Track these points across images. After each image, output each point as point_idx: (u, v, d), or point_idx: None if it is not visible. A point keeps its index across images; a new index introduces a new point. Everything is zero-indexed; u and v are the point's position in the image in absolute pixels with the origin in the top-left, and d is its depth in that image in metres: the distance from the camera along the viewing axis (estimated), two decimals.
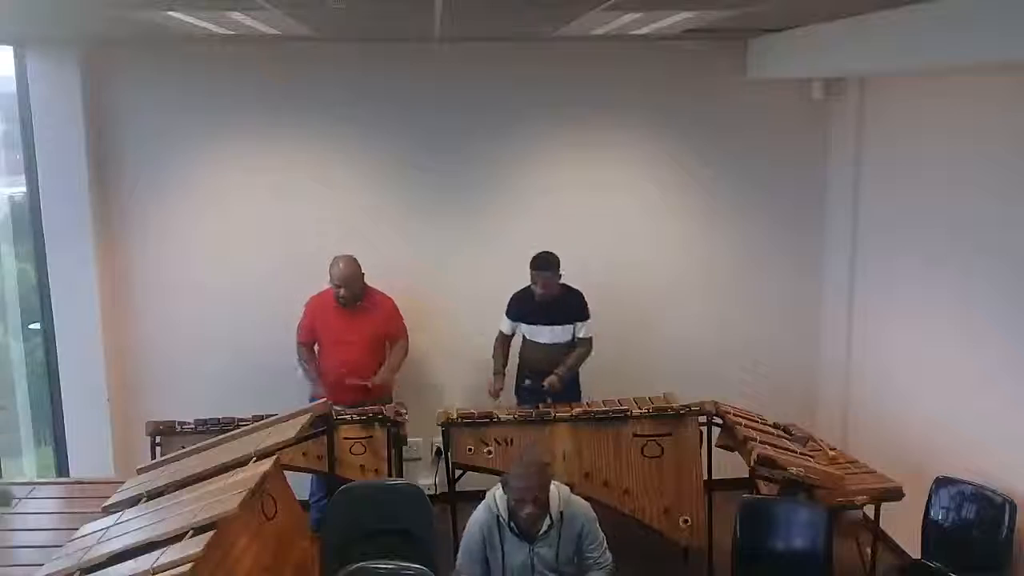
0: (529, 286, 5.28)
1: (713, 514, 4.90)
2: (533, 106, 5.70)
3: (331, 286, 5.24)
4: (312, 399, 5.19)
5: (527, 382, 5.34)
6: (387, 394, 5.36)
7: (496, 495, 3.79)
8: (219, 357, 5.65)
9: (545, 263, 5.17)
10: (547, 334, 5.30)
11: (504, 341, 5.39)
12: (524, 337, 5.39)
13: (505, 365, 5.38)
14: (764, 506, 4.35)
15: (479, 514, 3.80)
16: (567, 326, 5.29)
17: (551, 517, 3.74)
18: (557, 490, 3.80)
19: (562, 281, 5.24)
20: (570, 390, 5.36)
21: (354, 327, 5.25)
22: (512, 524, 3.73)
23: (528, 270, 5.24)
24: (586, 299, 5.31)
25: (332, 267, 5.21)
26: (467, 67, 5.59)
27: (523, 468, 3.73)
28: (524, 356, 5.42)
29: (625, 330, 5.53)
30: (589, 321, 5.30)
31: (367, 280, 5.35)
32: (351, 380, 5.13)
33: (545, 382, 5.15)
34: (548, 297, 5.20)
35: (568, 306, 5.28)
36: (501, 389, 5.31)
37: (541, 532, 3.74)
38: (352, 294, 5.22)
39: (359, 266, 5.24)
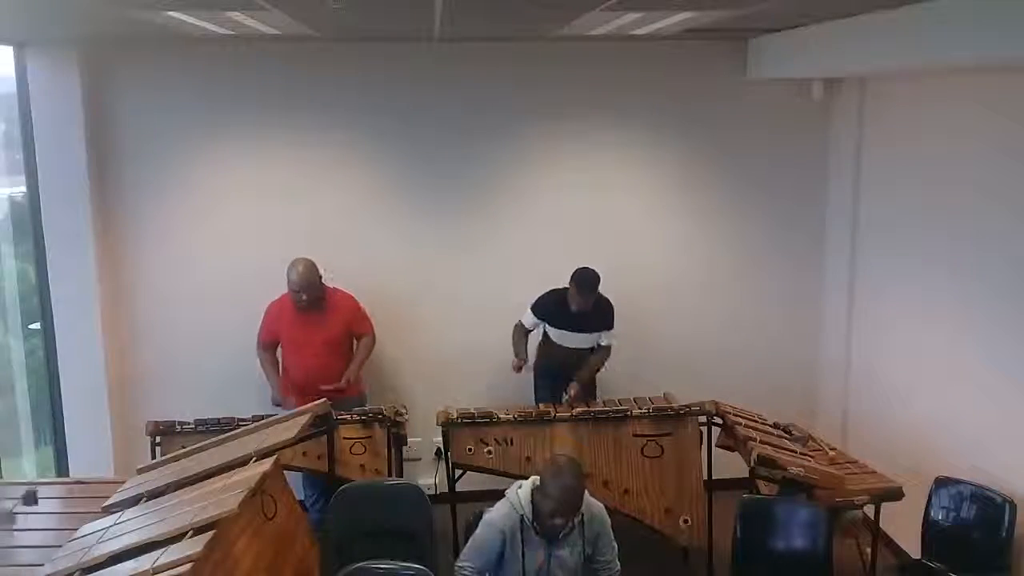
0: (564, 289, 5.23)
1: (713, 514, 4.90)
2: (533, 106, 5.70)
3: (290, 292, 5.17)
4: (273, 403, 5.18)
5: (548, 381, 5.31)
6: (356, 393, 5.31)
7: (520, 494, 3.73)
8: (219, 357, 5.64)
9: (594, 285, 5.13)
10: (573, 339, 5.31)
11: (524, 333, 5.36)
12: (547, 336, 5.38)
13: (525, 351, 5.35)
14: (764, 506, 4.35)
15: (501, 512, 3.73)
16: (594, 334, 5.31)
17: (571, 520, 3.73)
18: None
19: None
20: (587, 390, 5.36)
21: (316, 330, 5.19)
22: (536, 525, 3.71)
23: (529, 269, 5.26)
24: (614, 308, 5.31)
25: (290, 272, 5.13)
26: (467, 67, 5.59)
27: (563, 485, 3.60)
28: (543, 352, 5.42)
29: (625, 330, 5.52)
30: (614, 331, 5.32)
31: (364, 278, 5.35)
32: (324, 387, 4.98)
33: (568, 393, 5.13)
34: (585, 309, 5.20)
35: (598, 316, 5.27)
36: (525, 362, 5.27)
37: (563, 534, 3.72)
38: (312, 299, 5.15)
39: (317, 269, 5.17)
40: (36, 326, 5.64)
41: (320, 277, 5.18)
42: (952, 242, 4.73)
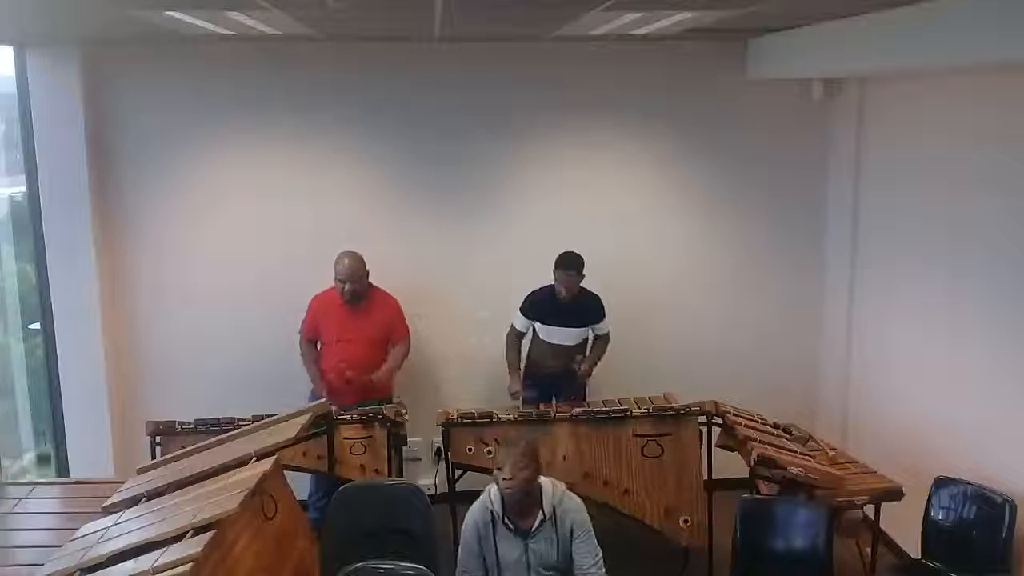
0: (548, 286, 5.29)
1: (713, 514, 4.90)
2: (533, 106, 5.70)
3: (335, 282, 5.22)
4: (312, 398, 5.21)
5: (535, 392, 5.33)
6: (387, 394, 5.36)
7: (491, 491, 3.79)
8: (219, 357, 5.65)
9: (573, 264, 5.18)
10: (563, 335, 5.32)
11: (517, 338, 5.39)
12: (537, 336, 5.39)
13: (520, 362, 5.37)
14: (764, 506, 4.35)
15: (474, 511, 3.80)
16: (583, 328, 5.34)
17: (543, 512, 3.73)
18: (552, 486, 3.79)
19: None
20: (577, 390, 5.37)
21: (357, 325, 5.23)
22: (507, 520, 3.73)
23: (529, 269, 5.26)
24: (602, 301, 5.35)
25: (337, 263, 5.20)
26: (467, 67, 5.59)
27: (507, 439, 3.86)
28: (534, 356, 5.42)
29: (625, 330, 5.53)
30: (606, 319, 5.37)
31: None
32: (350, 373, 5.13)
33: (580, 369, 5.27)
34: (571, 299, 5.21)
35: (586, 309, 5.31)
36: (521, 389, 5.31)
37: (535, 527, 3.73)
38: (356, 290, 5.21)
39: (364, 262, 5.23)
40: (36, 326, 5.64)
41: (367, 272, 5.23)
42: (952, 242, 4.73)
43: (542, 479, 3.76)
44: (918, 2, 3.58)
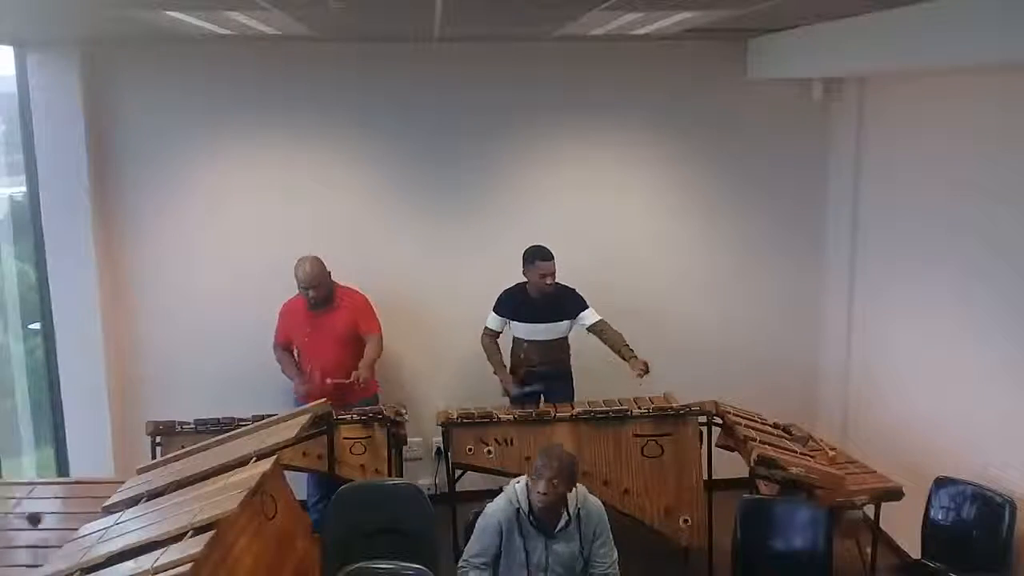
0: (521, 284, 5.27)
1: (713, 514, 4.90)
2: (533, 106, 5.70)
3: (299, 289, 5.18)
4: (295, 398, 5.19)
5: (526, 388, 5.29)
6: (371, 393, 5.32)
7: (517, 488, 3.80)
8: (219, 357, 5.64)
9: (549, 253, 5.16)
10: (539, 331, 5.29)
11: (493, 338, 5.32)
12: (516, 337, 5.37)
13: (503, 361, 5.35)
14: (764, 506, 4.35)
15: (498, 505, 3.80)
16: (563, 322, 5.29)
17: (568, 514, 3.75)
18: (575, 489, 3.82)
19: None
20: (564, 389, 5.36)
21: (326, 328, 5.20)
22: (532, 518, 3.74)
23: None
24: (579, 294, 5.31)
25: (297, 270, 5.14)
26: (467, 67, 5.59)
27: (555, 453, 3.76)
28: (518, 356, 5.38)
29: (625, 330, 5.51)
30: (591, 309, 5.25)
31: (364, 279, 5.35)
32: (332, 380, 5.03)
33: (642, 370, 4.95)
34: (547, 293, 5.20)
35: (563, 303, 5.27)
36: (513, 385, 5.25)
37: (559, 528, 3.75)
38: (321, 295, 5.16)
39: (324, 265, 5.19)
40: (36, 326, 5.64)
41: (328, 274, 5.20)
42: (952, 242, 4.73)
43: None
44: (918, 2, 3.58)
